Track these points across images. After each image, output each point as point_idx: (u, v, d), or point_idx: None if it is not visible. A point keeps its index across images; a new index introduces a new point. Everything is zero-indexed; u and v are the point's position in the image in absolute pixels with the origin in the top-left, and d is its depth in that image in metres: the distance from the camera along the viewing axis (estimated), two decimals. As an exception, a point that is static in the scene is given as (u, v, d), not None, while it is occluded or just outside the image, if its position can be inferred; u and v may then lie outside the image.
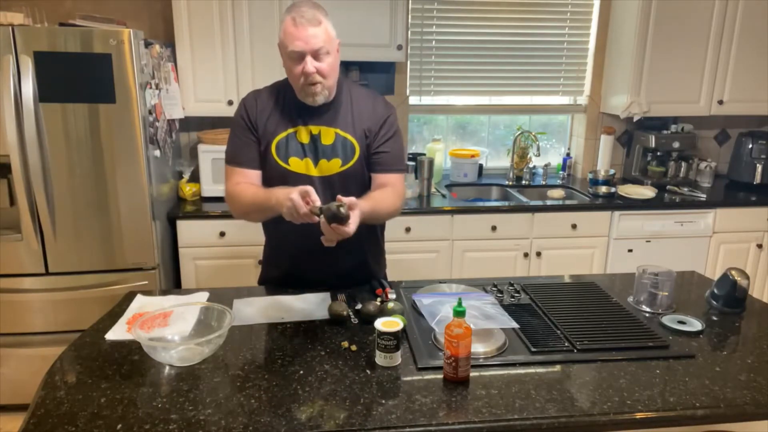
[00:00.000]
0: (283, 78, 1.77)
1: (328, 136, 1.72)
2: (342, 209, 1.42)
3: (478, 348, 1.41)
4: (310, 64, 1.60)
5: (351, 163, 1.73)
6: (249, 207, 1.67)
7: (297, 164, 1.71)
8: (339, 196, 1.47)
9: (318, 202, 1.46)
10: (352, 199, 1.47)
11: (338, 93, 1.74)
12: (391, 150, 1.76)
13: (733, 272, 1.71)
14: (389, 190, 1.73)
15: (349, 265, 1.83)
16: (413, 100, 3.48)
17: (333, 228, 1.43)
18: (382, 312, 1.55)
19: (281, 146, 1.71)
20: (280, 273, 1.87)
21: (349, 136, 1.73)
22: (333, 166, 1.72)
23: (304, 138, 1.72)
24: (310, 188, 1.47)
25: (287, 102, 1.74)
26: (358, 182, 1.76)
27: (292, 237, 1.77)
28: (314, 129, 1.72)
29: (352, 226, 1.45)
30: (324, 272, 1.81)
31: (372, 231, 1.88)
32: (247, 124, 1.72)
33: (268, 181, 1.73)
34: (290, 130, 1.72)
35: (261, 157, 1.73)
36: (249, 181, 1.72)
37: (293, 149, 1.71)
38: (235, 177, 1.72)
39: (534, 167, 3.61)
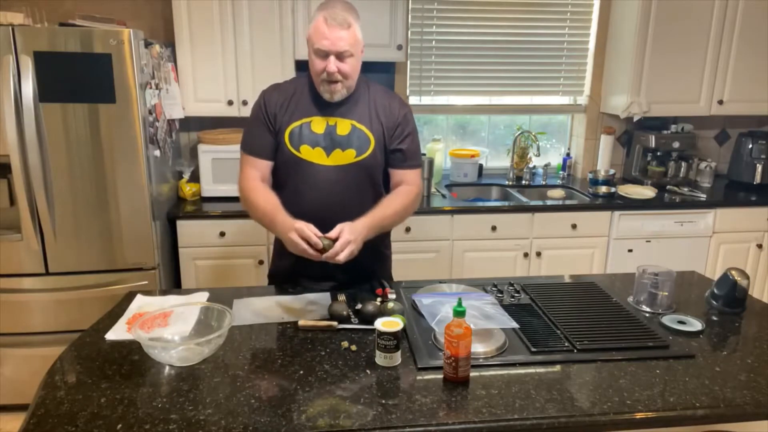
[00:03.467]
0: (304, 73, 1.84)
1: (344, 126, 1.78)
2: (326, 243, 1.58)
3: (478, 348, 1.41)
4: (333, 63, 1.67)
5: (365, 154, 1.78)
6: (259, 220, 1.76)
7: (308, 152, 1.76)
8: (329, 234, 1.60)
9: (313, 237, 1.56)
10: (339, 230, 1.59)
11: (357, 87, 1.80)
12: (407, 147, 1.84)
13: (733, 272, 1.71)
14: (400, 191, 1.82)
15: (355, 262, 1.81)
16: (413, 100, 3.48)
17: (325, 258, 1.58)
18: (382, 312, 1.55)
19: (294, 134, 1.77)
20: (289, 264, 1.87)
21: (364, 129, 1.79)
22: (347, 156, 1.77)
23: (319, 128, 1.77)
24: (305, 230, 1.56)
25: (306, 93, 1.80)
26: (371, 174, 1.82)
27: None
28: (330, 120, 1.78)
29: (341, 255, 1.56)
30: (330, 266, 1.81)
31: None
32: (263, 116, 1.79)
33: (281, 168, 1.81)
34: (305, 120, 1.78)
35: (275, 147, 1.80)
36: (260, 171, 1.80)
37: (306, 138, 1.77)
38: (247, 168, 1.81)
39: (534, 167, 3.61)
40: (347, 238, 1.57)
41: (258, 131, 1.80)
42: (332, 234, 1.58)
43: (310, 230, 1.56)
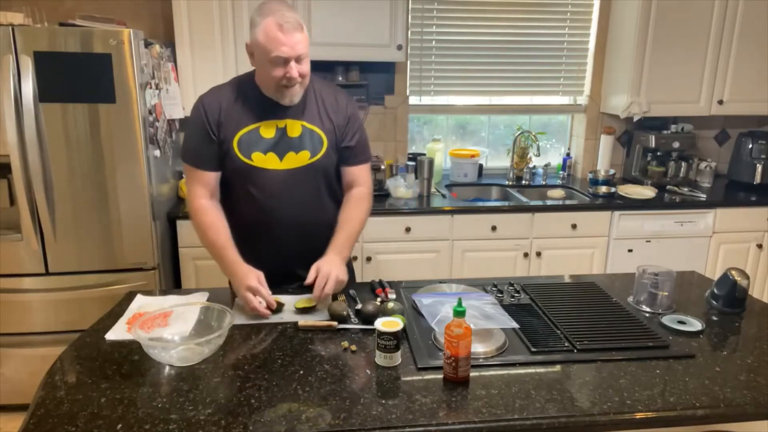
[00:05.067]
0: (245, 75, 1.77)
1: (294, 128, 1.73)
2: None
3: (478, 348, 1.41)
4: (295, 69, 1.62)
5: (319, 155, 1.75)
6: (207, 248, 1.77)
7: (260, 159, 1.71)
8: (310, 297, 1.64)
9: (269, 297, 1.62)
10: (315, 270, 1.64)
11: None
12: (357, 143, 1.82)
13: (733, 272, 1.71)
14: (355, 197, 1.82)
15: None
16: (413, 100, 3.48)
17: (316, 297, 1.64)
18: (382, 312, 1.55)
19: (243, 142, 1.70)
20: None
21: (316, 129, 1.75)
22: (302, 158, 1.73)
23: (269, 133, 1.72)
24: (258, 286, 1.60)
25: (250, 98, 1.73)
26: (327, 174, 1.80)
27: (255, 236, 1.80)
28: (280, 123, 1.73)
29: (327, 288, 1.62)
30: (291, 266, 1.82)
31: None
32: (205, 124, 1.70)
33: (232, 176, 1.74)
34: (252, 126, 1.71)
35: (221, 156, 1.72)
36: (208, 187, 1.73)
37: (256, 144, 1.71)
38: (195, 185, 1.74)
39: (534, 167, 3.61)
40: (324, 272, 1.62)
41: (202, 142, 1.71)
42: (310, 276, 1.63)
43: (265, 288, 1.61)
